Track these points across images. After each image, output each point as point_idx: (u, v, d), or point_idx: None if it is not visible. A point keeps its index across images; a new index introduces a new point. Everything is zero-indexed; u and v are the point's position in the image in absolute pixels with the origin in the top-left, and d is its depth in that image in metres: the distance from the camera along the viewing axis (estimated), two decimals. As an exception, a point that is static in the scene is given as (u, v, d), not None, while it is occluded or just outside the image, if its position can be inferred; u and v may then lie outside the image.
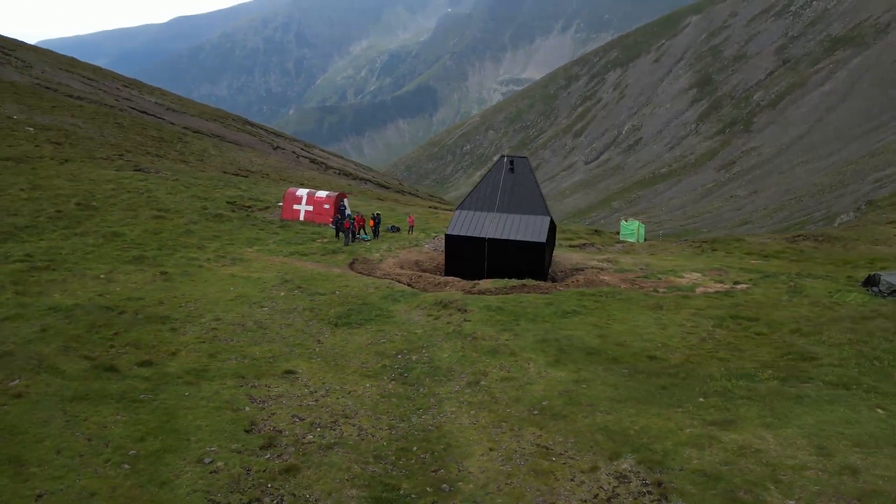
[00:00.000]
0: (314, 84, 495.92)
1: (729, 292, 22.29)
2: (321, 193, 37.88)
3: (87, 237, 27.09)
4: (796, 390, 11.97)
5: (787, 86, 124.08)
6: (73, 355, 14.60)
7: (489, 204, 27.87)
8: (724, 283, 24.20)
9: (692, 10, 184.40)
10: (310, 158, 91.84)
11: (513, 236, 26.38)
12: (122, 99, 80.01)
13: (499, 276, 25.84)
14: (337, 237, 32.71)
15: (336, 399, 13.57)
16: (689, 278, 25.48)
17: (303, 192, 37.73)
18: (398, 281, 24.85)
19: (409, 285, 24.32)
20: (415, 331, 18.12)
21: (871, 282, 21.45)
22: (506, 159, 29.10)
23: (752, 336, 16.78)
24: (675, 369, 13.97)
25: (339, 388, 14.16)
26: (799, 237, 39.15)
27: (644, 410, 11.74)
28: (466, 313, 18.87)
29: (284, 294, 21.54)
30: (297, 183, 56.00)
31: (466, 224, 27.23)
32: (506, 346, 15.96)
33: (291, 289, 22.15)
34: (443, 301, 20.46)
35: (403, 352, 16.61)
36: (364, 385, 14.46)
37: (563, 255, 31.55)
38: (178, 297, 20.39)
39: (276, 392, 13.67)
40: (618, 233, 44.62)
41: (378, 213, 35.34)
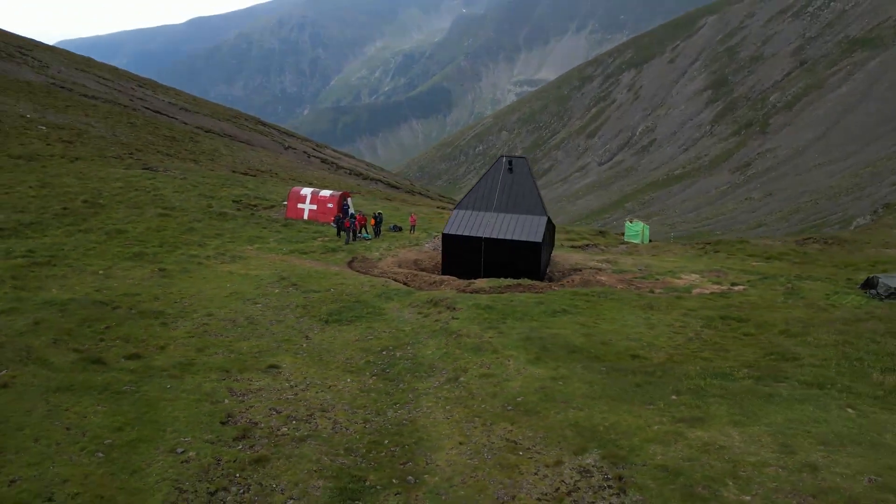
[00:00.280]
0: (329, 84, 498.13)
1: (724, 293, 22.19)
2: (325, 192, 38.12)
3: (90, 234, 27.53)
4: (769, 389, 11.93)
5: (804, 87, 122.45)
6: (63, 348, 14.91)
7: (487, 203, 27.96)
8: (721, 284, 24.06)
9: (708, 11, 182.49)
10: (321, 158, 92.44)
11: (509, 236, 26.44)
12: (136, 99, 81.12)
13: (495, 276, 25.91)
14: (338, 236, 32.93)
15: (315, 393, 13.72)
16: (687, 279, 25.34)
17: (307, 191, 37.98)
18: (394, 279, 24.97)
19: (404, 284, 24.44)
20: (403, 328, 18.22)
21: (870, 284, 21.23)
22: (504, 159, 29.19)
23: (740, 337, 16.71)
24: (654, 367, 13.97)
25: (319, 382, 14.32)
26: (808, 240, 38.62)
27: (616, 407, 11.77)
28: (455, 311, 18.95)
29: (279, 291, 21.70)
30: (307, 182, 56.33)
31: (463, 223, 27.34)
32: (489, 343, 16.01)
33: (286, 286, 22.29)
34: (434, 299, 20.55)
35: (389, 348, 16.72)
36: (345, 380, 14.59)
37: (563, 255, 31.51)
38: (174, 293, 20.67)
39: (257, 386, 13.85)
40: (622, 234, 44.42)
41: (380, 213, 35.54)
